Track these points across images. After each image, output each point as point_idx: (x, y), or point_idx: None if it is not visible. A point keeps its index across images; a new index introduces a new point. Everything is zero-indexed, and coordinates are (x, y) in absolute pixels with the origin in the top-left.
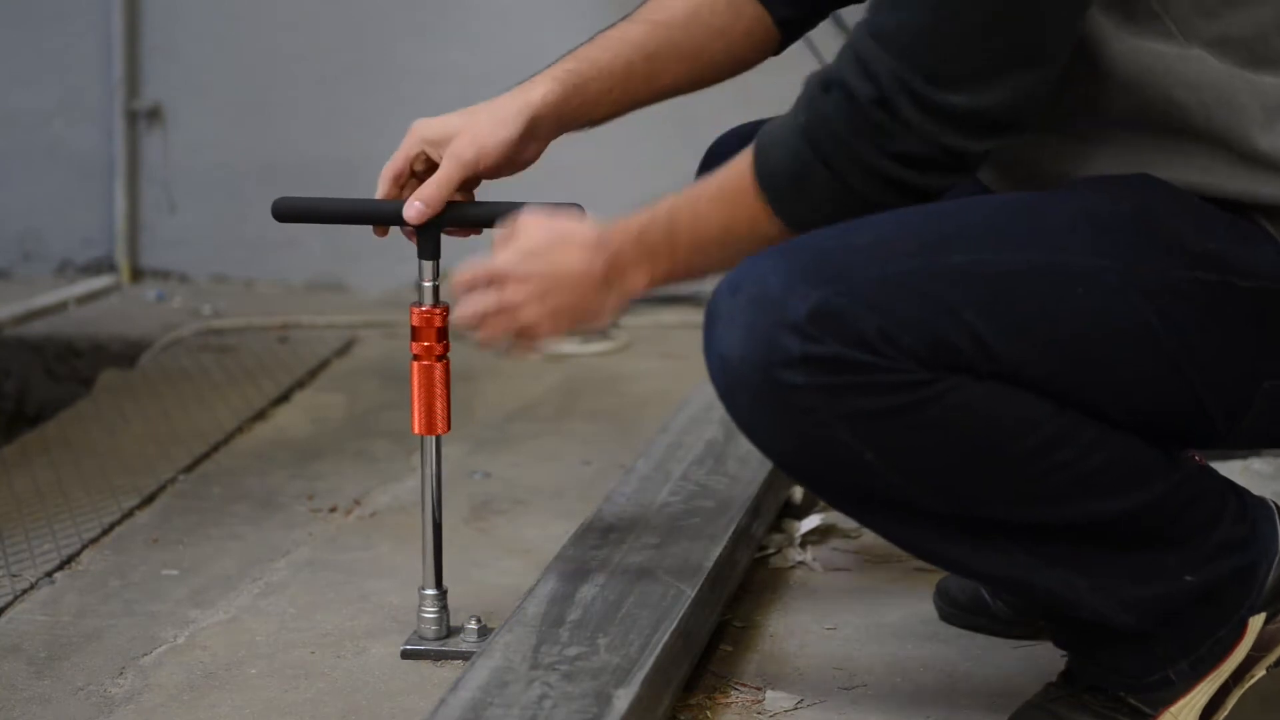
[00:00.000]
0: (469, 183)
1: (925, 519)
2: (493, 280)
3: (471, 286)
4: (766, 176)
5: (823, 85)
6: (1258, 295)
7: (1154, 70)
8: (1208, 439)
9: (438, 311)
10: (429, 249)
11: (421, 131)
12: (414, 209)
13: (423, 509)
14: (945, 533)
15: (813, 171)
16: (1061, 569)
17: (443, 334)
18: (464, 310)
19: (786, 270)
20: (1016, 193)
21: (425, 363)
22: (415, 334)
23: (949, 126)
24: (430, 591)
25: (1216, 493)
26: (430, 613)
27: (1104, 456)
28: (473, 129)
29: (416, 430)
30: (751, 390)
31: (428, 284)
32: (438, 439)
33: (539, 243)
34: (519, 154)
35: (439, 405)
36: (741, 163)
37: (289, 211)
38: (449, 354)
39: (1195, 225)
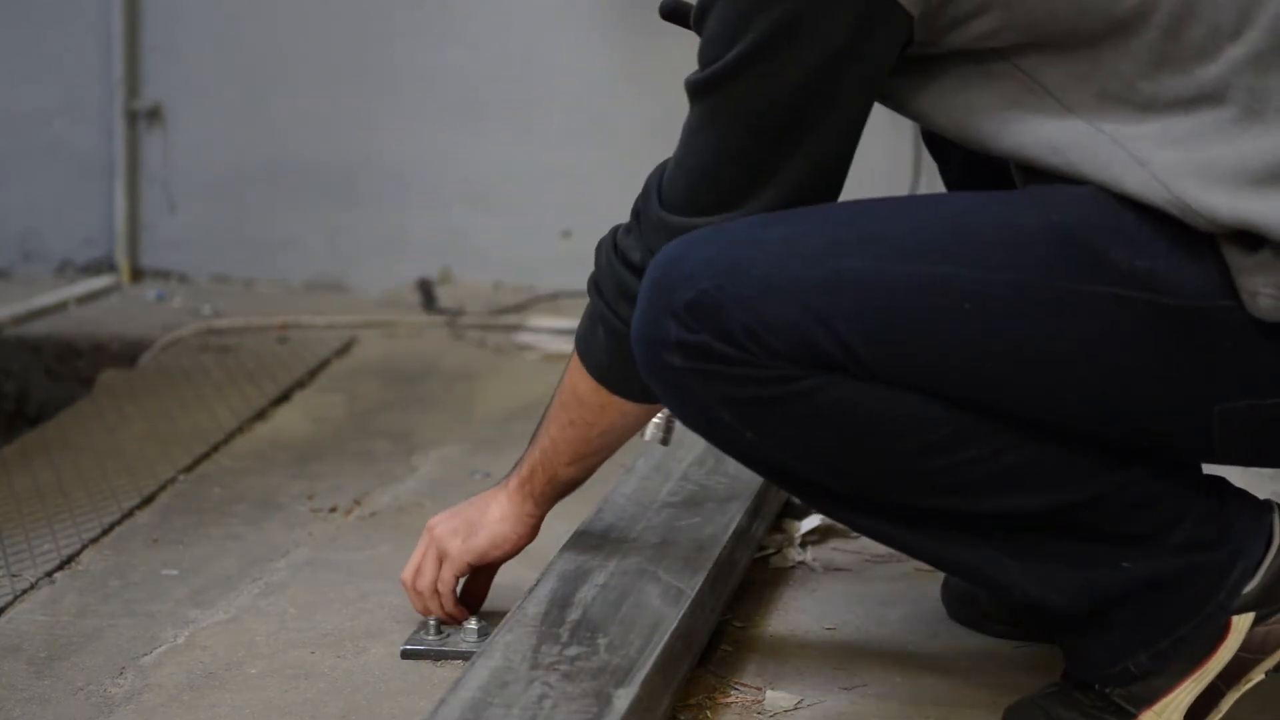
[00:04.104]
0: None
1: (837, 495)
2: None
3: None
4: (579, 339)
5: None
6: (1183, 314)
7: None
8: (1189, 454)
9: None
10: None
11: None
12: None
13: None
14: (864, 509)
15: (598, 321)
16: (990, 549)
17: None
18: (408, 566)
19: (694, 256)
20: (962, 196)
21: None
22: None
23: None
24: None
25: (1181, 497)
26: None
27: (1019, 457)
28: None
29: None
30: (645, 366)
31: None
32: None
33: (465, 509)
34: None
35: None
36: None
37: None
38: None
39: (1128, 241)
